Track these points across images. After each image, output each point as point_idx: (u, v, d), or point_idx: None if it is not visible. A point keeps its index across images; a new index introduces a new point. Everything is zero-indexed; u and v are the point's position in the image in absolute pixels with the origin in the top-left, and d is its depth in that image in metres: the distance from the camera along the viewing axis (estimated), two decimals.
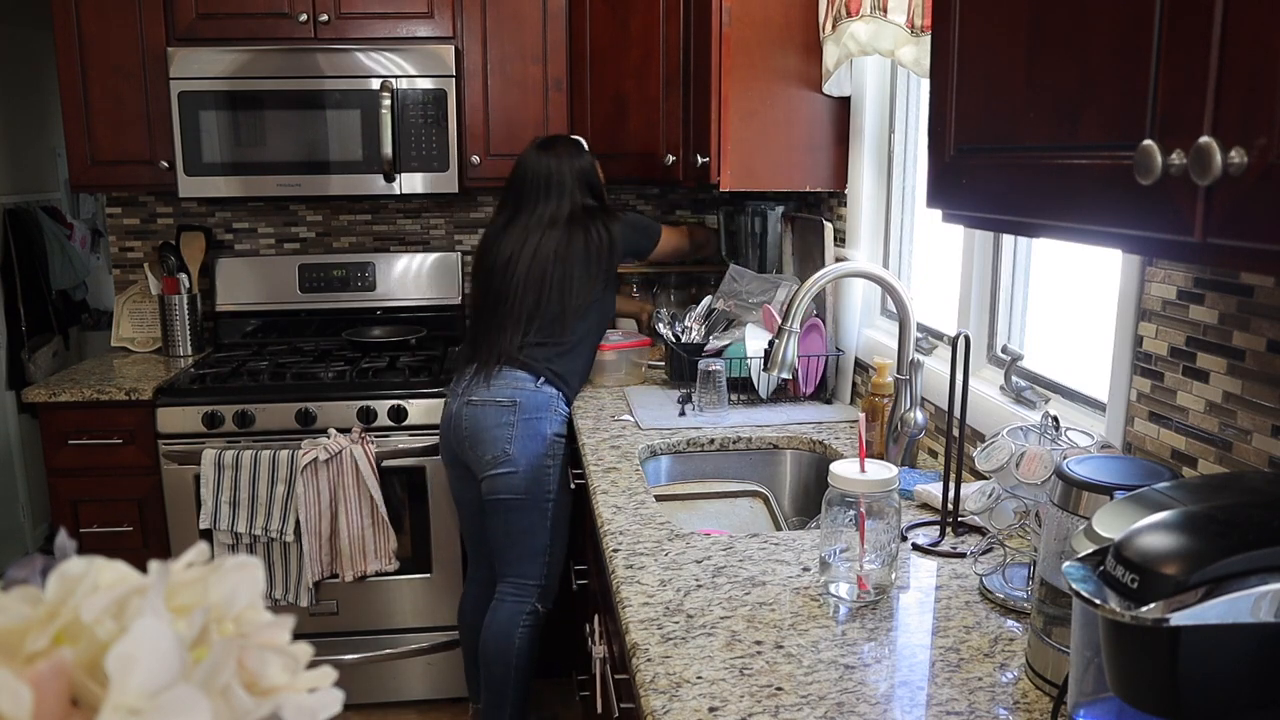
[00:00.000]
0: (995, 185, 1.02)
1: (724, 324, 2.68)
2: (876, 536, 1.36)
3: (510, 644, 2.44)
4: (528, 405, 2.39)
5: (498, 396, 2.40)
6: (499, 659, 2.44)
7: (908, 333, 1.95)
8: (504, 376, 2.41)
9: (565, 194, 2.47)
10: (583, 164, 2.52)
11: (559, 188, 2.47)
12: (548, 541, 2.44)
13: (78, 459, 2.74)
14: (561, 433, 2.43)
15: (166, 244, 3.18)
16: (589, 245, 2.44)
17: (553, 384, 2.42)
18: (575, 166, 2.50)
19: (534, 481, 2.39)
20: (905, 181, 2.33)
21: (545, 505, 2.41)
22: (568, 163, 2.49)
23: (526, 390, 2.39)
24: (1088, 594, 0.80)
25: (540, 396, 2.40)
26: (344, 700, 0.41)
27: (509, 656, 2.44)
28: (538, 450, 2.39)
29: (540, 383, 2.40)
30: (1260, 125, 0.65)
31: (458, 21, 2.98)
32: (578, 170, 2.50)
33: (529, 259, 2.43)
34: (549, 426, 2.41)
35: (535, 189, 2.48)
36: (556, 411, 2.42)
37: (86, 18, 2.86)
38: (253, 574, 0.41)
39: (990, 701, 1.11)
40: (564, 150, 2.52)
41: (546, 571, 2.46)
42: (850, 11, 2.08)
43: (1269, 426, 1.13)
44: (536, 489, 2.40)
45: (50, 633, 0.37)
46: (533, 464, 2.39)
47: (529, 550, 2.43)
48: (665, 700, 1.11)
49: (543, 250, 2.43)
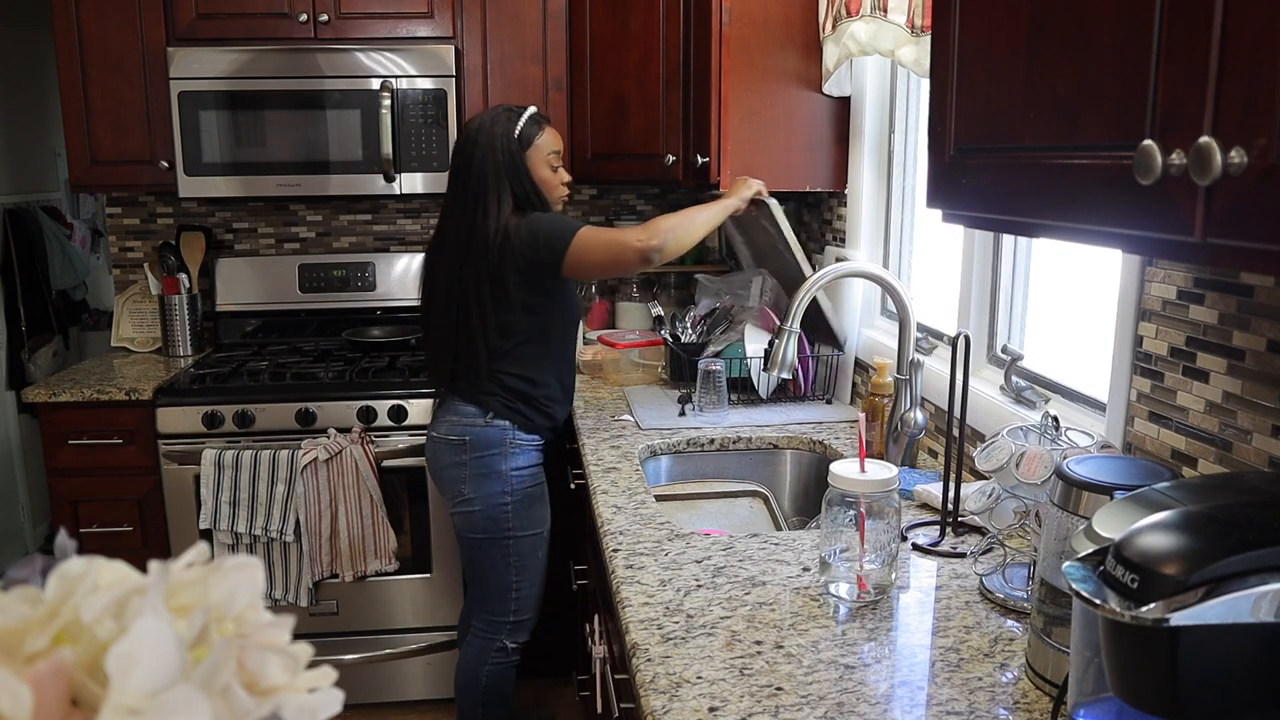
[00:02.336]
0: (995, 185, 1.02)
1: (724, 324, 2.68)
2: (876, 536, 1.36)
3: (477, 680, 2.35)
4: (478, 443, 2.21)
5: (449, 434, 2.25)
6: (468, 693, 2.37)
7: (908, 333, 1.95)
8: (453, 411, 2.24)
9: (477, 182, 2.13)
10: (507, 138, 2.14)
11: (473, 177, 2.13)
12: (513, 578, 2.29)
13: (78, 459, 2.73)
14: (525, 465, 2.25)
15: (166, 244, 3.18)
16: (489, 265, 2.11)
17: (506, 416, 2.21)
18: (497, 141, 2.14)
19: (491, 520, 2.24)
20: (905, 181, 2.33)
21: (505, 543, 2.26)
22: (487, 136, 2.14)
23: (475, 427, 2.21)
24: (1088, 594, 0.80)
25: (491, 433, 2.21)
26: (344, 700, 0.41)
27: (476, 692, 2.36)
28: (493, 489, 2.22)
29: (490, 417, 2.21)
30: (1260, 125, 0.65)
31: (458, 21, 2.98)
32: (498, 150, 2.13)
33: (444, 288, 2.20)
34: (504, 463, 2.22)
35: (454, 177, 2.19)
36: (513, 445, 2.22)
37: (86, 18, 2.86)
38: (253, 574, 0.41)
39: (990, 701, 1.11)
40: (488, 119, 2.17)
41: (516, 608, 2.32)
42: (850, 11, 2.08)
43: (1269, 426, 1.13)
44: (494, 528, 2.24)
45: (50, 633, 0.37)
46: (489, 503, 2.23)
47: (494, 587, 2.31)
48: (665, 700, 1.11)
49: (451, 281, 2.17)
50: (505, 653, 2.35)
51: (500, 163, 2.13)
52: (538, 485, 2.30)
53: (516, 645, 2.37)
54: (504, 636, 2.34)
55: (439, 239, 2.24)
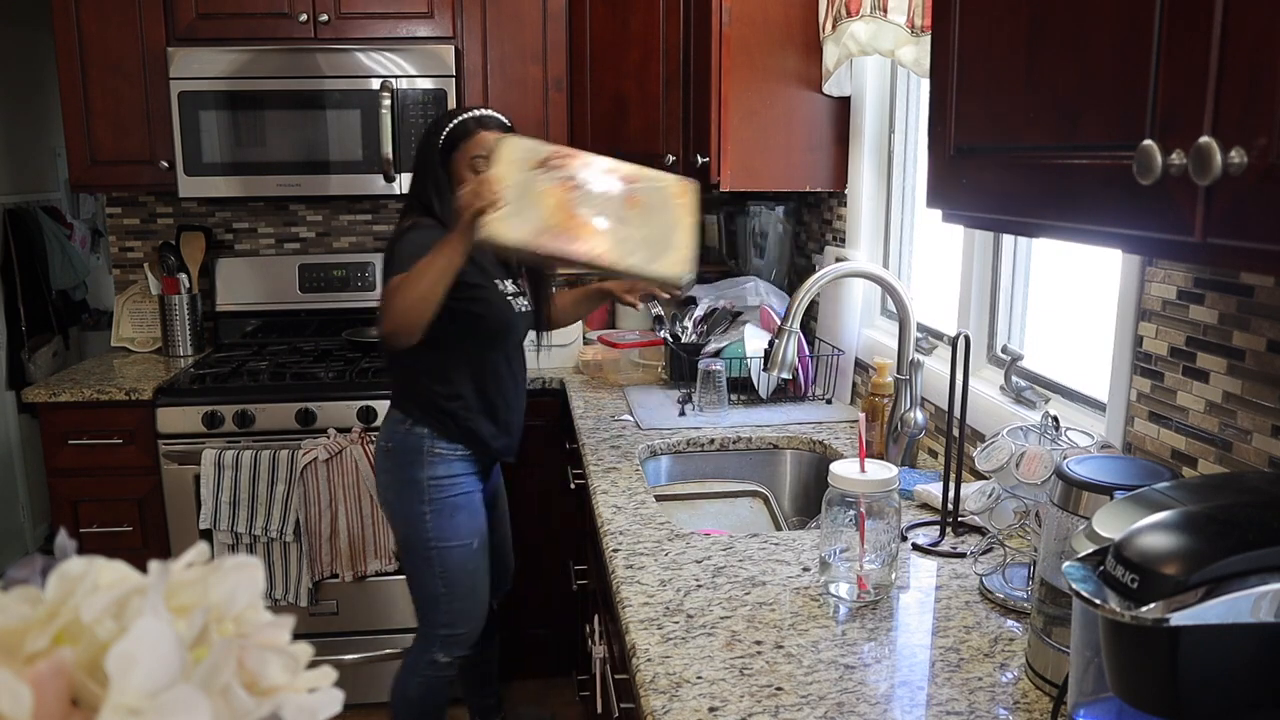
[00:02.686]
0: (995, 185, 1.02)
1: (724, 324, 2.68)
2: (876, 536, 1.36)
3: (407, 692, 2.29)
4: (398, 450, 2.18)
5: (379, 440, 2.24)
6: (397, 702, 2.31)
7: (908, 333, 1.95)
8: (388, 416, 2.24)
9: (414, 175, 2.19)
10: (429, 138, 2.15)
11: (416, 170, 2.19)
12: (440, 590, 2.20)
13: (78, 459, 2.73)
14: (447, 474, 2.17)
15: (166, 244, 3.18)
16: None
17: (425, 423, 2.15)
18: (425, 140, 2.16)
19: (410, 529, 2.19)
20: (905, 181, 2.33)
21: (428, 554, 2.18)
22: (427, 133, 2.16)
23: (398, 434, 2.18)
24: (1088, 594, 0.80)
25: (411, 440, 2.16)
26: (344, 700, 0.41)
27: (398, 703, 2.30)
28: (411, 497, 2.17)
29: (411, 424, 2.16)
30: (1260, 125, 0.65)
31: (458, 21, 2.98)
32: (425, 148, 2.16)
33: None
34: (422, 472, 2.15)
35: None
36: (432, 454, 2.15)
37: (86, 18, 2.86)
38: (253, 574, 0.41)
39: (990, 701, 1.11)
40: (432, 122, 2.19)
41: (445, 619, 2.23)
42: (850, 11, 2.08)
43: (1269, 426, 1.13)
44: (414, 537, 2.18)
45: (50, 633, 0.37)
46: (407, 512, 2.18)
47: (422, 597, 2.24)
48: (665, 700, 1.11)
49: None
50: (437, 666, 2.26)
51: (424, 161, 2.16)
52: (462, 495, 2.19)
53: (451, 660, 2.27)
54: (436, 649, 2.25)
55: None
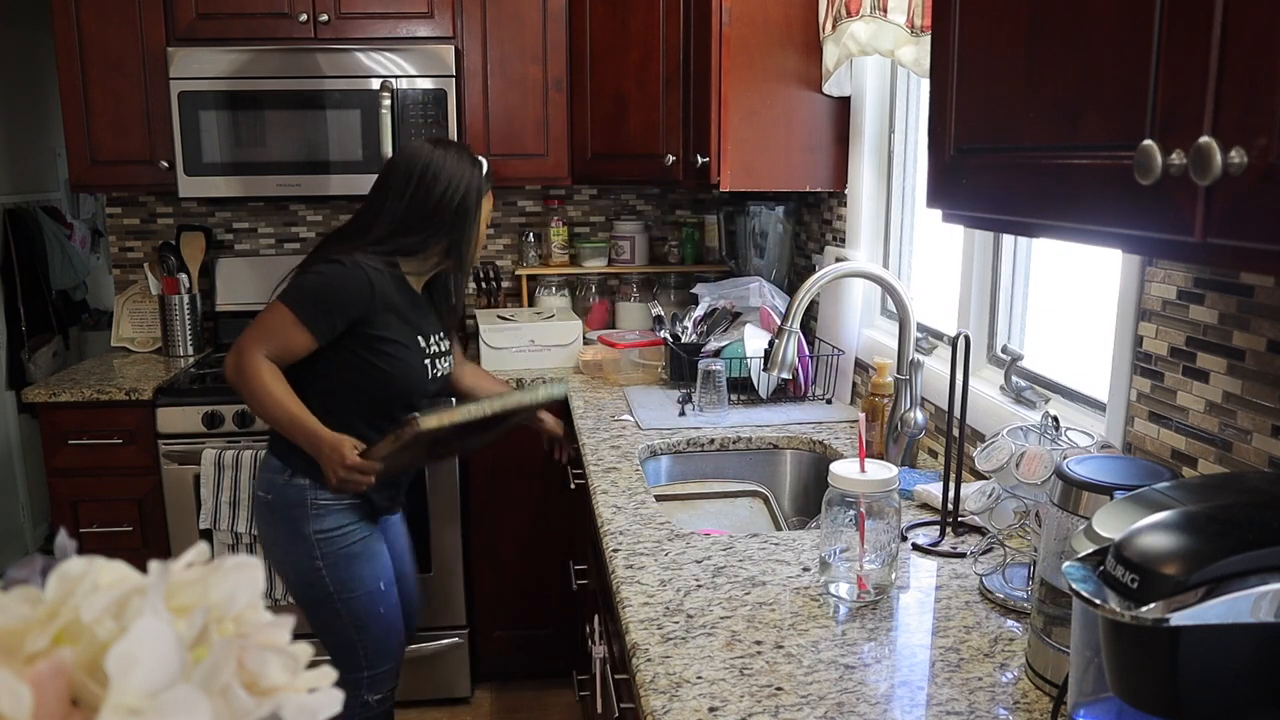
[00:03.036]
0: (995, 185, 1.02)
1: (724, 324, 2.69)
2: (876, 536, 1.36)
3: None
4: (279, 503, 2.02)
5: (258, 490, 2.07)
6: None
7: (908, 333, 1.95)
8: (265, 464, 2.08)
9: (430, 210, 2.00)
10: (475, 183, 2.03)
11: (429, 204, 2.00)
12: (355, 637, 2.08)
13: (78, 459, 2.73)
14: (331, 527, 2.02)
15: (166, 244, 3.19)
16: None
17: (305, 474, 1.99)
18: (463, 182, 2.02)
19: (307, 585, 2.04)
20: (905, 181, 2.33)
21: (333, 605, 2.04)
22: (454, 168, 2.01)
23: (277, 485, 2.02)
24: (1088, 594, 0.80)
25: (291, 492, 2.00)
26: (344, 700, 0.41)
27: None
28: (300, 552, 2.02)
29: (289, 475, 2.00)
30: (1260, 125, 0.65)
31: (458, 21, 2.98)
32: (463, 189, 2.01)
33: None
34: (307, 525, 2.00)
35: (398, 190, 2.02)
36: (315, 507, 2.00)
37: (86, 18, 2.86)
38: (253, 574, 0.41)
39: (990, 701, 1.11)
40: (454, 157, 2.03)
41: (368, 663, 2.10)
42: (850, 11, 2.08)
43: (1269, 426, 1.13)
44: (315, 591, 2.04)
45: (50, 633, 0.37)
46: (299, 567, 2.04)
47: (337, 647, 2.09)
48: (665, 700, 1.11)
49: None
50: (369, 708, 2.14)
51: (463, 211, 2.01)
52: (355, 544, 2.05)
53: (382, 696, 2.15)
54: (364, 691, 2.12)
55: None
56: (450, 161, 2.01)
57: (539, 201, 3.38)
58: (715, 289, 2.87)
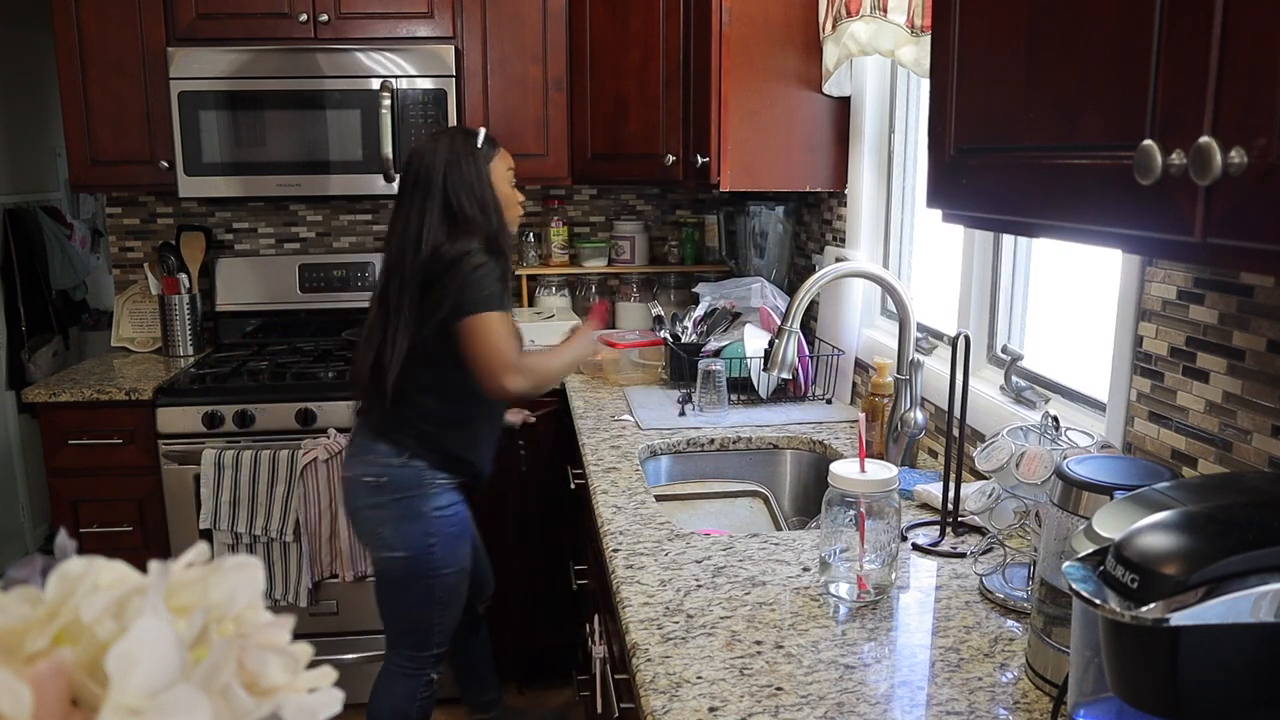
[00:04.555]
0: (995, 185, 1.02)
1: (724, 324, 2.69)
2: (876, 536, 1.36)
3: (399, 715, 2.27)
4: (396, 484, 2.12)
5: (364, 475, 2.15)
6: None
7: (908, 333, 1.95)
8: (370, 449, 2.15)
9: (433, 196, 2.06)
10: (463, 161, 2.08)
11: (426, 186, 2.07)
12: (437, 615, 2.22)
13: (78, 459, 2.73)
14: (447, 504, 2.16)
15: (166, 244, 3.18)
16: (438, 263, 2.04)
17: (422, 457, 2.12)
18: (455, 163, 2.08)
19: (415, 563, 2.15)
20: (905, 181, 2.33)
21: (429, 583, 2.17)
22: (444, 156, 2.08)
23: (393, 467, 2.12)
24: (1088, 594, 0.80)
25: (409, 473, 2.12)
26: (344, 700, 0.41)
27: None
28: (415, 531, 2.14)
29: (407, 457, 2.12)
30: (1260, 125, 0.65)
31: (458, 21, 2.98)
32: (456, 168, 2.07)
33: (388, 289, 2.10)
34: (425, 504, 2.13)
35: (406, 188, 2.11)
36: (434, 486, 2.14)
37: (86, 18, 2.86)
38: (253, 574, 0.41)
39: (990, 701, 1.11)
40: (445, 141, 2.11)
41: (439, 639, 2.25)
42: (850, 11, 2.08)
43: (1269, 426, 1.13)
44: (419, 569, 2.15)
45: (50, 633, 0.37)
46: (412, 546, 2.14)
47: (415, 626, 2.23)
48: (665, 700, 1.11)
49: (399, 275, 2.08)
50: (432, 685, 2.30)
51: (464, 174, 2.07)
52: (460, 523, 2.21)
53: (440, 674, 2.32)
54: (430, 669, 2.27)
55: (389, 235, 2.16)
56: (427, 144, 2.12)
57: (539, 201, 3.38)
58: (716, 289, 2.87)
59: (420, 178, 2.08)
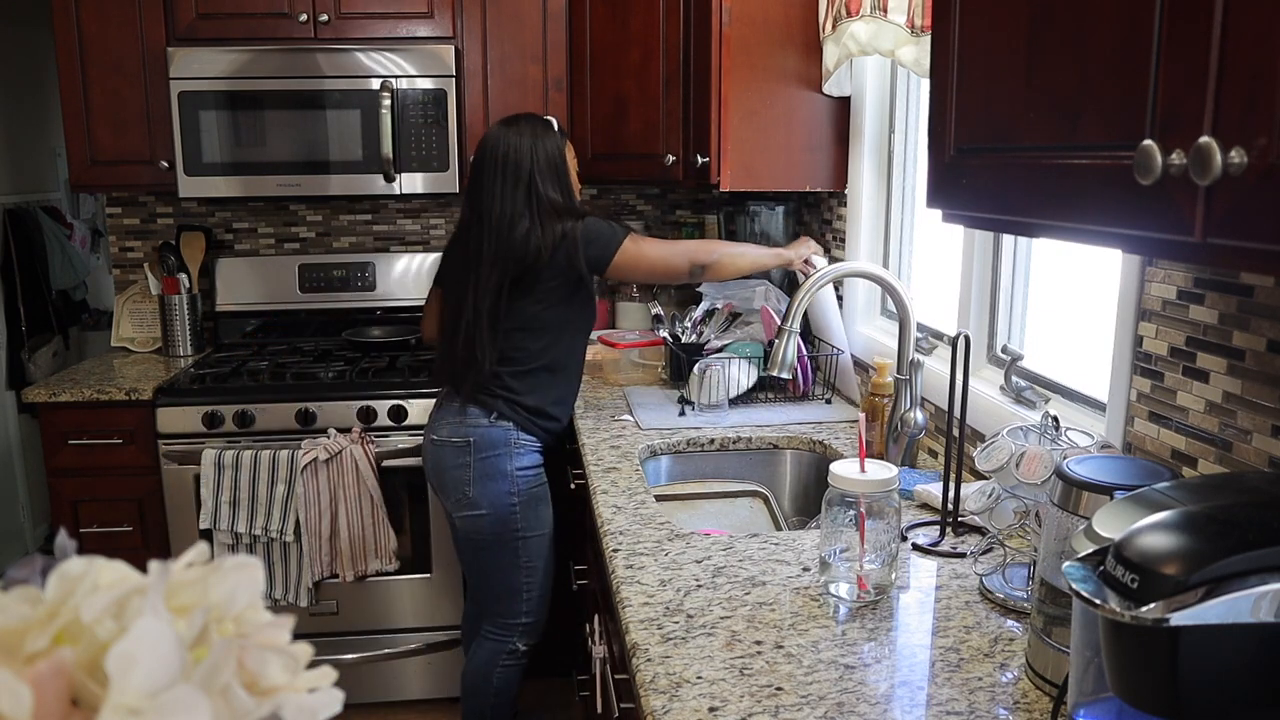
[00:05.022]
0: (995, 185, 1.02)
1: (724, 324, 2.68)
2: (876, 536, 1.36)
3: (488, 684, 2.36)
4: (483, 443, 2.23)
5: (453, 436, 2.25)
6: (476, 695, 2.39)
7: (908, 333, 1.95)
8: (459, 413, 2.25)
9: (522, 181, 2.16)
10: (547, 147, 2.19)
11: (515, 172, 2.16)
12: (523, 580, 2.31)
13: (78, 459, 2.73)
14: (529, 465, 2.27)
15: (166, 244, 3.18)
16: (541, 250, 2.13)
17: (509, 418, 2.23)
18: (539, 149, 2.18)
19: (499, 522, 2.25)
20: (905, 181, 2.33)
21: (515, 544, 2.27)
22: (529, 142, 2.18)
23: (480, 428, 2.23)
24: (1088, 594, 0.80)
25: (495, 433, 2.22)
26: (344, 700, 0.41)
27: (487, 694, 2.37)
28: (500, 489, 2.23)
29: (494, 418, 2.22)
30: (1260, 125, 0.65)
31: (458, 21, 2.98)
32: (542, 154, 2.18)
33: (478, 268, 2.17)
34: (509, 462, 2.23)
35: (491, 173, 2.18)
36: (518, 445, 2.24)
37: (86, 18, 2.86)
38: (253, 574, 0.41)
39: (990, 701, 1.11)
40: (526, 128, 2.20)
41: (527, 609, 2.33)
42: (850, 11, 2.08)
43: (1269, 426, 1.13)
44: (502, 529, 2.25)
45: (50, 633, 0.37)
46: (496, 504, 2.24)
47: (504, 590, 2.32)
48: (665, 700, 1.11)
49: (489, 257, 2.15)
50: (516, 655, 2.37)
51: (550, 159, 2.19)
52: (541, 485, 2.31)
53: (528, 648, 2.38)
54: (516, 639, 2.36)
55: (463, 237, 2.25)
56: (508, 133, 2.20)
57: None
58: (720, 290, 2.87)
59: (508, 161, 2.16)
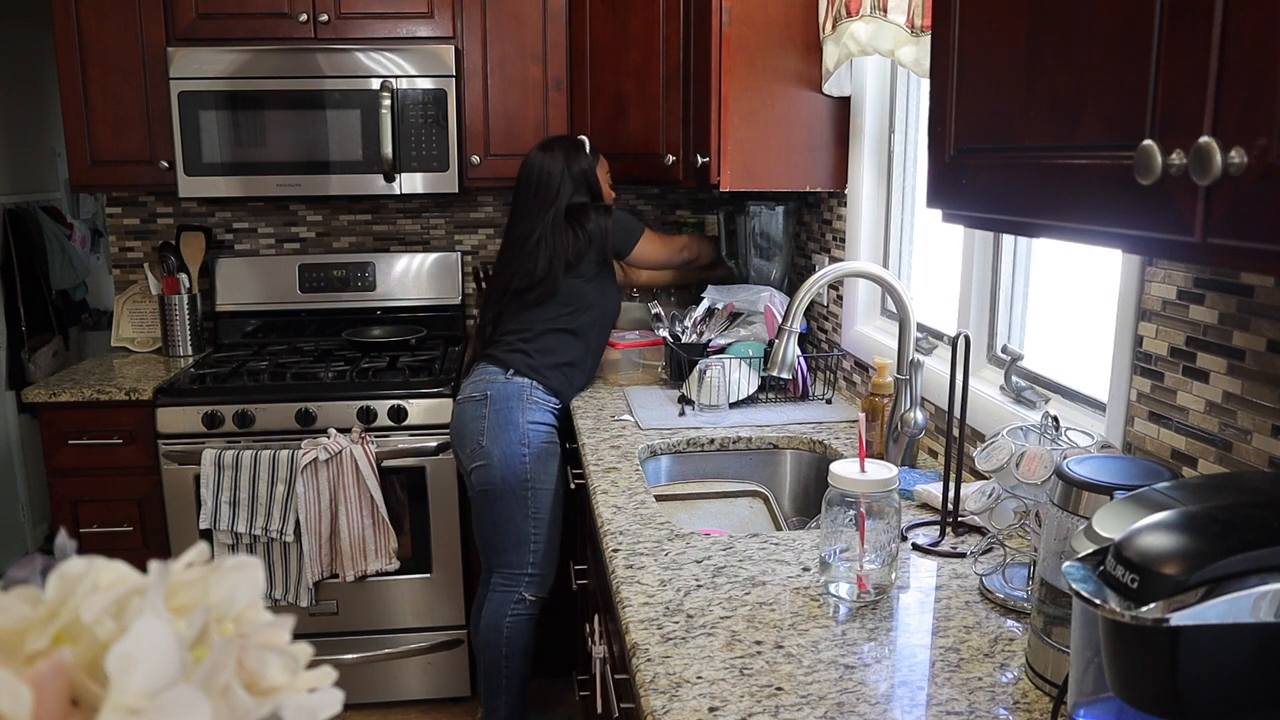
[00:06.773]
0: (995, 185, 1.02)
1: (725, 324, 2.68)
2: (876, 536, 1.36)
3: (499, 633, 2.46)
4: (498, 396, 2.42)
5: (473, 392, 2.46)
6: (489, 647, 2.48)
7: (908, 333, 1.95)
8: (480, 371, 2.48)
9: (557, 194, 2.49)
10: (581, 165, 2.54)
11: (550, 187, 2.50)
12: (530, 530, 2.44)
13: (78, 459, 2.73)
14: (540, 420, 2.44)
15: (166, 244, 3.18)
16: (573, 237, 2.47)
17: (525, 374, 2.44)
18: (572, 168, 2.52)
19: (509, 470, 2.39)
20: (905, 181, 2.33)
21: (523, 494, 2.41)
22: (562, 163, 2.51)
23: (497, 382, 2.43)
24: (1088, 594, 0.80)
25: (511, 387, 2.43)
26: (344, 700, 0.41)
27: (498, 644, 2.47)
28: (510, 439, 2.40)
29: (510, 374, 2.44)
30: (1260, 125, 0.65)
31: (458, 21, 2.98)
32: (576, 172, 2.53)
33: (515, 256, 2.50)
34: (521, 415, 2.41)
35: (530, 189, 2.52)
36: (531, 400, 2.43)
37: (86, 18, 2.86)
38: (253, 574, 0.41)
39: (990, 701, 1.11)
40: (560, 151, 2.54)
41: (534, 560, 2.46)
42: (850, 11, 2.08)
43: (1269, 426, 1.13)
44: (512, 479, 2.40)
45: (50, 633, 0.37)
46: (505, 453, 2.39)
47: (511, 539, 2.44)
48: (665, 700, 1.11)
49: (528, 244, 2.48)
50: (525, 604, 2.47)
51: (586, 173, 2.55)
52: (553, 443, 2.45)
53: (535, 599, 2.48)
54: (523, 589, 2.46)
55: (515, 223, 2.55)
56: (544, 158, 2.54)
57: None
58: (725, 294, 2.86)
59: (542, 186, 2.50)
